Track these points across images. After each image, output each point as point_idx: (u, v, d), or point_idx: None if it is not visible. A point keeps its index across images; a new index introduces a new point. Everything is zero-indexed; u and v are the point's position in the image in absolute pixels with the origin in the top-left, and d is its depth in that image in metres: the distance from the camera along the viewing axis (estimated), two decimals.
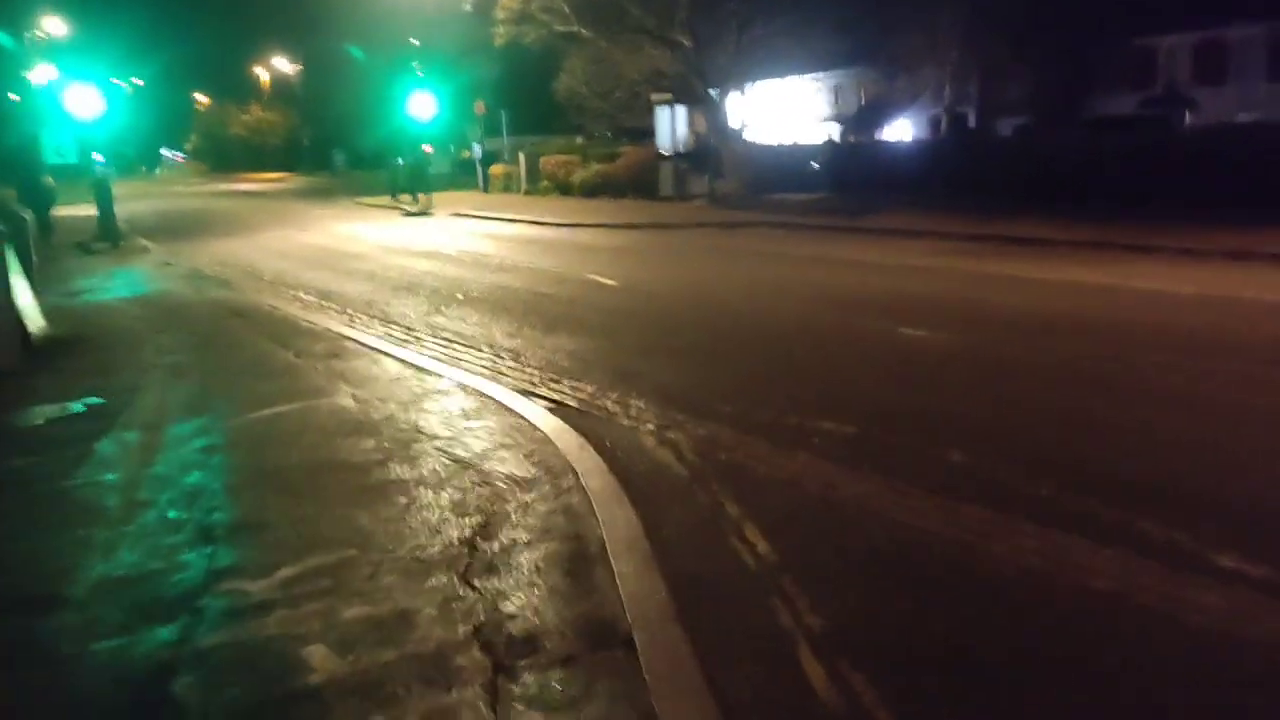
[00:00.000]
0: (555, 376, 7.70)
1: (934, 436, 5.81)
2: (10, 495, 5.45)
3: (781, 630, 3.65)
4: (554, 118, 45.22)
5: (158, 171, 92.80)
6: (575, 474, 5.16)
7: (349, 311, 11.39)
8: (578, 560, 4.17)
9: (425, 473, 5.31)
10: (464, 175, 43.29)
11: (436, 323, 10.39)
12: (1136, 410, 6.27)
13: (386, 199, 32.98)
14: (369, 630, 3.63)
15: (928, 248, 15.23)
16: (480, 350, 8.87)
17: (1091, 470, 5.18)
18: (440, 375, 7.68)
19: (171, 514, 4.95)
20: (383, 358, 8.47)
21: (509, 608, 3.73)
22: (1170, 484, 4.94)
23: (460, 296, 12.12)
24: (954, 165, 23.70)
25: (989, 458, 5.41)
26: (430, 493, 5.00)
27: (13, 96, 43.43)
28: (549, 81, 41.70)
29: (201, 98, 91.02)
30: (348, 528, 4.62)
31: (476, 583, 3.95)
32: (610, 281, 12.82)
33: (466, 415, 6.45)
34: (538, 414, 6.40)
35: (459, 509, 4.77)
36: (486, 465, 5.39)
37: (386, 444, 5.86)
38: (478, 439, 5.88)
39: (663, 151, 26.13)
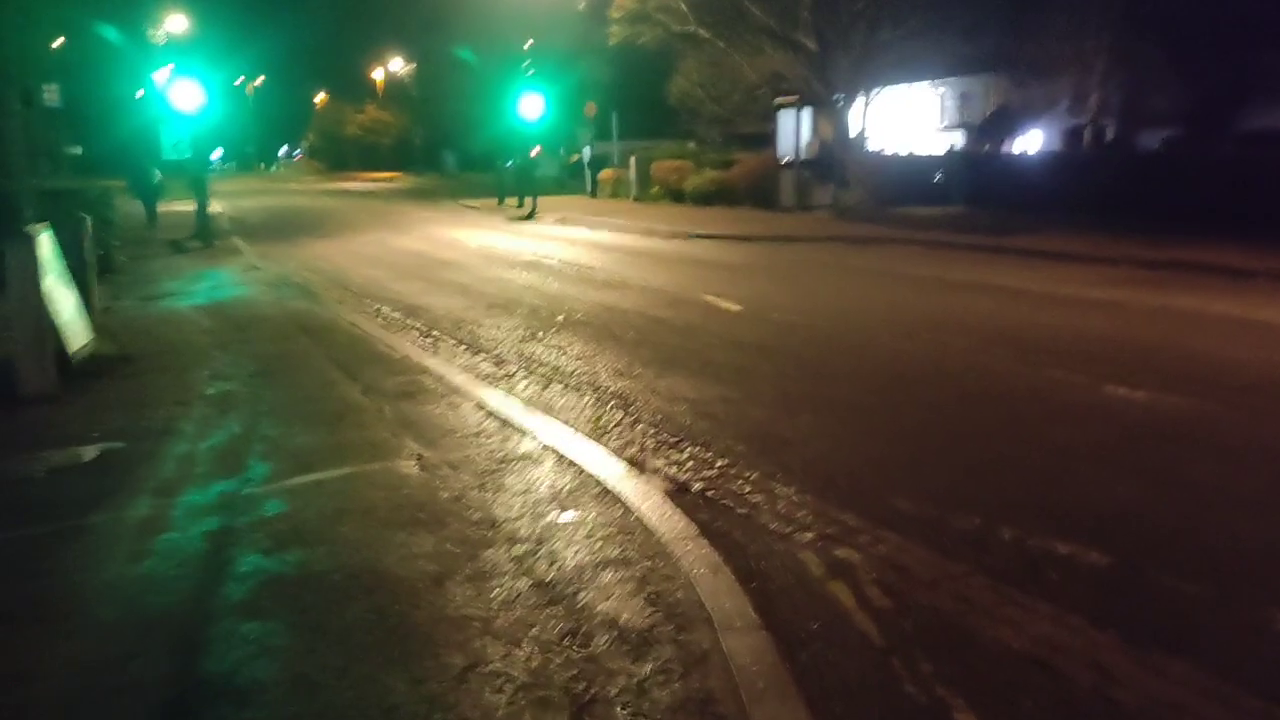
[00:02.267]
0: (673, 438, 6.05)
1: (1238, 582, 3.95)
2: None
3: None
4: (665, 122, 43.71)
5: (274, 169, 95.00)
6: (711, 627, 3.50)
7: (434, 333, 9.96)
8: None
9: (494, 606, 3.71)
10: (573, 179, 42.18)
11: (532, 353, 8.86)
12: None
13: (492, 202, 31.96)
14: None
15: (1097, 275, 13.10)
16: (581, 393, 7.27)
17: None
18: (529, 432, 6.10)
19: (133, 664, 3.46)
20: (463, 401, 6.95)
21: None
22: None
23: (561, 318, 10.59)
24: (1100, 180, 21.26)
25: None
26: (499, 649, 3.40)
27: (139, 93, 44.25)
28: (661, 84, 40.25)
29: (320, 97, 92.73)
30: (370, 710, 3.05)
31: None
32: (733, 306, 11.12)
33: (558, 500, 4.84)
34: (653, 505, 4.74)
35: (536, 690, 3.14)
36: (581, 598, 3.76)
37: (448, 545, 4.29)
38: (571, 546, 4.26)
39: (783, 159, 24.26)
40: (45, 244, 8.34)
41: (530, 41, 41.26)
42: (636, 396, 7.12)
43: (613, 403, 6.97)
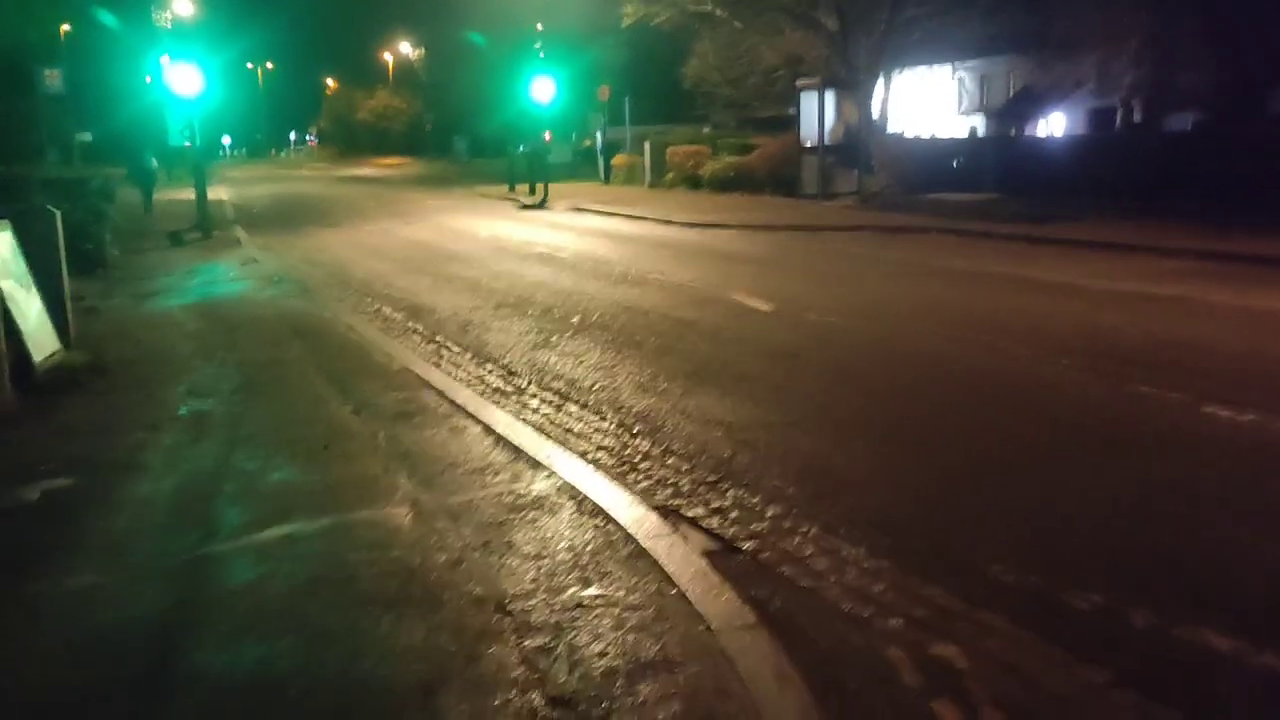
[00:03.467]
0: (711, 476, 5.16)
1: None
2: None
3: None
4: (679, 106, 42.62)
5: (285, 154, 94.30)
6: None
7: (438, 339, 9.10)
8: None
9: None
10: (585, 165, 41.20)
11: (545, 363, 7.99)
12: None
13: (503, 189, 31.08)
14: None
15: (1153, 268, 12.14)
16: (601, 416, 6.40)
17: None
18: (544, 466, 5.23)
19: None
20: (468, 425, 6.09)
21: None
22: None
23: (576, 320, 9.72)
24: (1137, 163, 20.26)
25: None
26: None
27: (148, 78, 43.50)
28: (675, 67, 39.19)
29: (331, 82, 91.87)
30: None
31: None
32: (763, 305, 10.22)
33: (581, 568, 3.97)
34: (695, 575, 3.87)
35: None
36: None
37: (443, 638, 3.42)
38: (598, 639, 3.38)
39: (806, 143, 23.27)
40: (3, 243, 7.53)
41: (539, 26, 40.28)
42: (664, 419, 6.24)
43: (638, 427, 6.09)
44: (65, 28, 48.28)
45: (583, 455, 5.50)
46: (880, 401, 6.59)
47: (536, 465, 5.26)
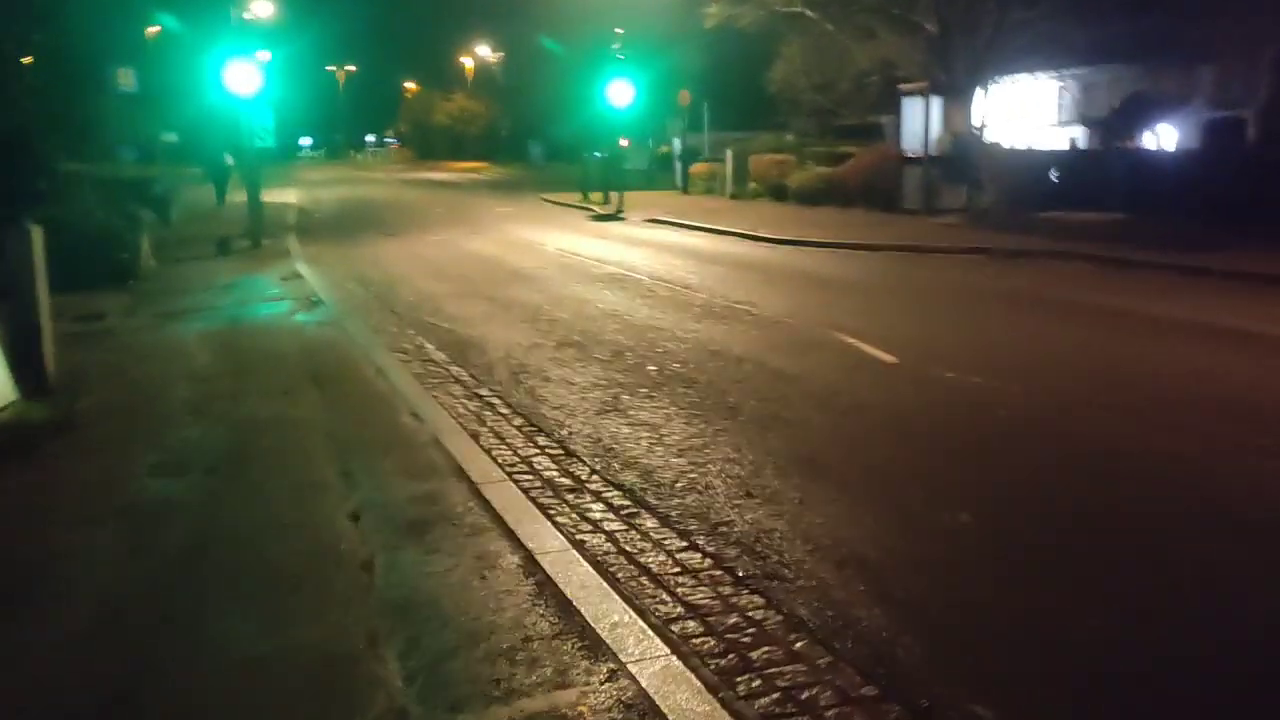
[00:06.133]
0: (871, 689, 3.29)
1: None
2: None
3: None
4: (759, 112, 40.56)
5: (362, 156, 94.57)
6: None
7: (483, 393, 7.35)
8: None
9: None
10: (662, 172, 39.47)
11: (613, 438, 6.17)
12: None
13: (576, 196, 29.48)
14: None
15: None
16: (690, 541, 4.54)
17: None
18: (608, 652, 3.41)
19: None
20: (503, 551, 4.31)
21: None
22: None
23: (653, 370, 7.92)
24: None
25: None
26: None
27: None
28: (756, 72, 37.25)
29: (410, 85, 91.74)
30: None
31: None
32: (884, 355, 8.28)
33: None
34: None
35: None
36: None
37: None
38: None
39: (908, 154, 21.17)
40: None
41: (619, 30, 38.70)
42: (780, 551, 4.38)
43: (744, 567, 4.23)
44: (153, 30, 48.27)
45: (666, 626, 3.67)
46: (1094, 523, 4.63)
47: (597, 648, 3.45)
